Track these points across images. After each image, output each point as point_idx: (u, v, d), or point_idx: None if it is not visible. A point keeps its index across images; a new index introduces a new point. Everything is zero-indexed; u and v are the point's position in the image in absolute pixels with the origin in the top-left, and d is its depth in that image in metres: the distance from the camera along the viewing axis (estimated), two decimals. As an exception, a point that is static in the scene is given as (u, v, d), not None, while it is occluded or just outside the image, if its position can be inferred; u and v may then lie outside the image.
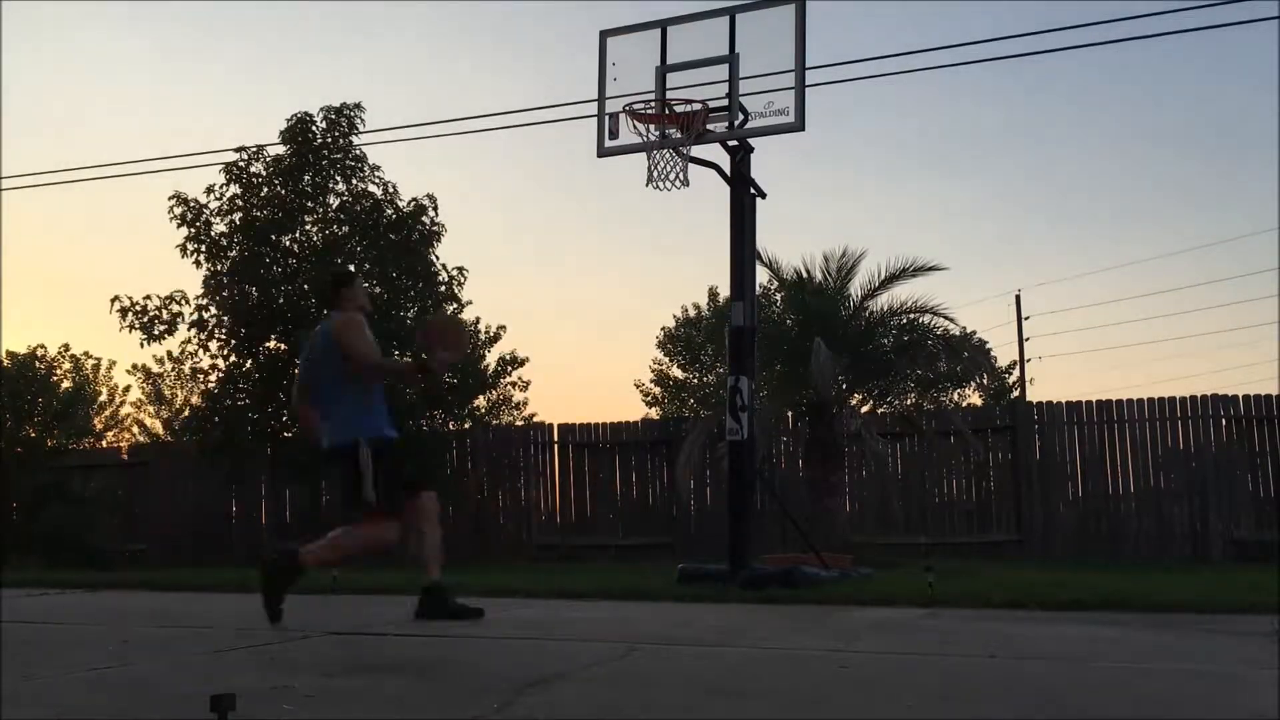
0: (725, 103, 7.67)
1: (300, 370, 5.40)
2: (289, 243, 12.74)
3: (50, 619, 5.44)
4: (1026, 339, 27.68)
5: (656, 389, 26.00)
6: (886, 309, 11.56)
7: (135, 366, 24.14)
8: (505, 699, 2.83)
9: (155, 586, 7.94)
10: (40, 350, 16.10)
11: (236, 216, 12.56)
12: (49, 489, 14.09)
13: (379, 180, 12.88)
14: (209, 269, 12.53)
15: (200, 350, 12.57)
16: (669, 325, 25.59)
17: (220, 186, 12.58)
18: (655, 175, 7.76)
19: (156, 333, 12.31)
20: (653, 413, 24.88)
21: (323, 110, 12.71)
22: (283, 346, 12.53)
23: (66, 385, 17.71)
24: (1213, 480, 11.16)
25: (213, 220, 12.55)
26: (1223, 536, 10.94)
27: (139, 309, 12.22)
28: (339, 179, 12.76)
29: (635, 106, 7.85)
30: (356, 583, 7.25)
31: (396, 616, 4.90)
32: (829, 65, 9.19)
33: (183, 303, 12.38)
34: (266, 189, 12.62)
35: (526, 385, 14.75)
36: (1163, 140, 46.48)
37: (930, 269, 11.20)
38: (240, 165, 12.57)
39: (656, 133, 7.81)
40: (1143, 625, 4.65)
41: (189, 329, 12.45)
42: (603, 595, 6.47)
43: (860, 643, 4.17)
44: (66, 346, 17.34)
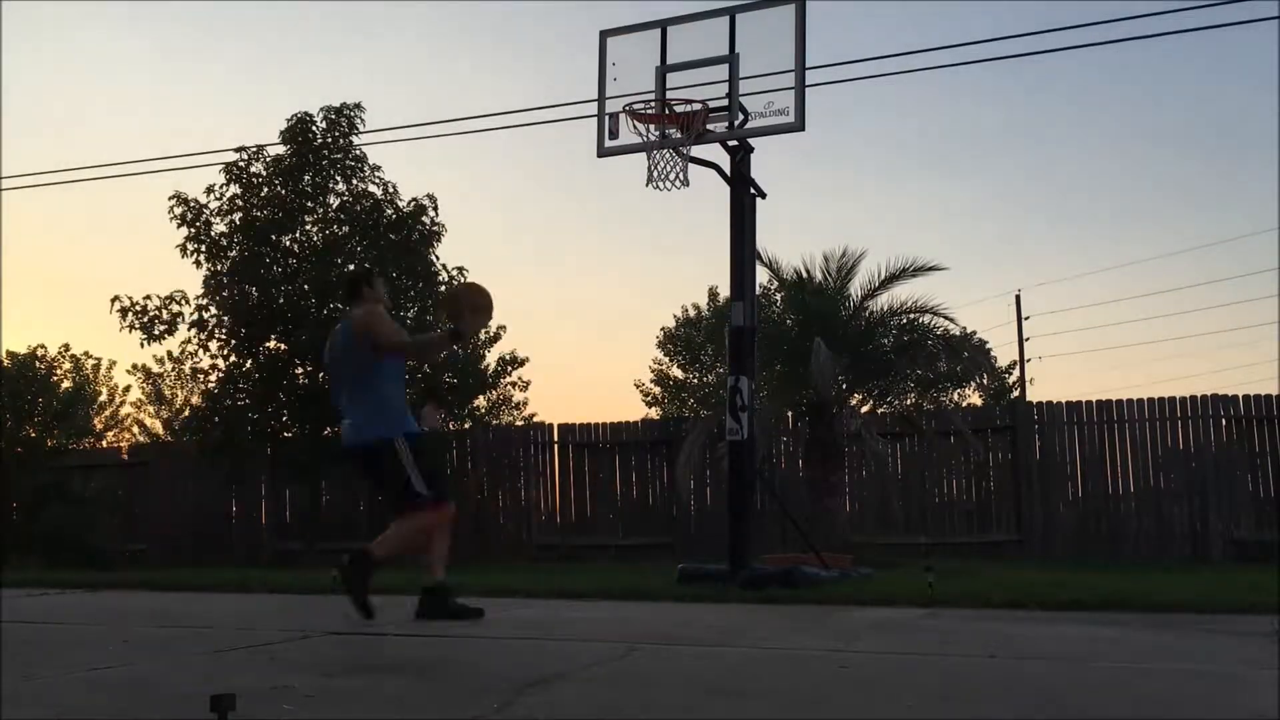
0: (725, 103, 7.66)
1: (327, 371, 5.38)
2: (289, 243, 12.75)
3: (50, 619, 5.44)
4: (1026, 339, 27.71)
5: (656, 389, 26.02)
6: (886, 309, 11.58)
7: (135, 366, 24.20)
8: (505, 699, 2.83)
9: (155, 586, 7.93)
10: (40, 350, 16.12)
11: (236, 216, 12.58)
12: (49, 489, 14.09)
13: (379, 180, 12.92)
14: (209, 269, 12.55)
15: (200, 350, 12.61)
16: (669, 325, 25.62)
17: (220, 186, 12.62)
18: (655, 175, 7.75)
19: (156, 333, 12.33)
20: (653, 413, 24.91)
21: (323, 110, 12.73)
22: (283, 346, 12.55)
23: (66, 385, 17.72)
24: (1213, 480, 11.15)
25: (213, 220, 12.58)
26: (1223, 536, 10.93)
27: (139, 309, 12.24)
28: (339, 179, 12.78)
29: (635, 106, 7.84)
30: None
31: (396, 616, 4.90)
32: (829, 65, 9.20)
33: (183, 303, 12.41)
34: (266, 189, 12.64)
35: (526, 385, 14.83)
36: (1163, 140, 46.54)
37: (930, 269, 11.22)
38: (240, 165, 12.59)
39: (656, 133, 7.80)
40: (1143, 625, 4.65)
41: (189, 329, 12.49)
42: (603, 595, 6.47)
43: (860, 643, 4.17)
44: (66, 346, 17.40)
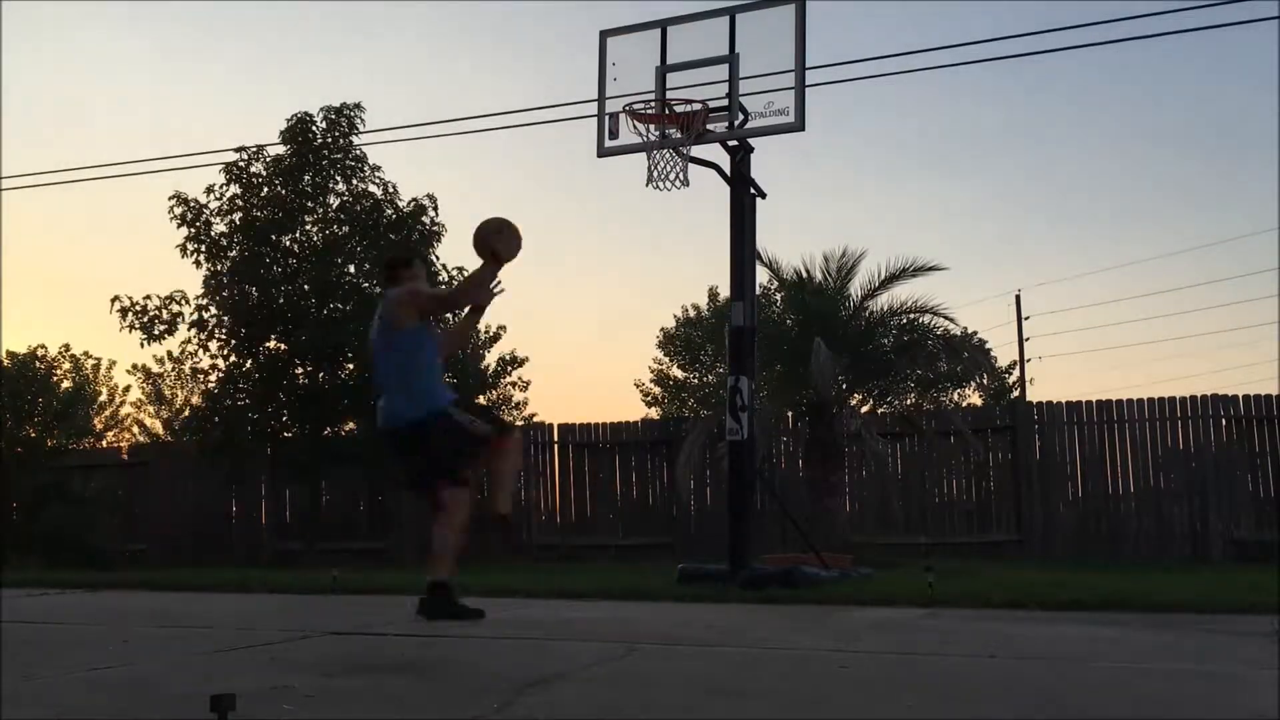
0: (725, 103, 7.66)
1: (373, 361, 5.32)
2: (289, 243, 12.75)
3: (50, 619, 5.44)
4: (1026, 339, 27.68)
5: (656, 389, 26.01)
6: (886, 309, 11.59)
7: (135, 366, 24.13)
8: (505, 699, 2.83)
9: (155, 586, 7.93)
10: (40, 350, 16.11)
11: (236, 216, 12.58)
12: (49, 489, 14.08)
13: (379, 180, 12.91)
14: (209, 269, 12.55)
15: (200, 350, 12.60)
16: (669, 325, 25.62)
17: (220, 186, 12.61)
18: (655, 175, 7.75)
19: (156, 333, 12.33)
20: (653, 413, 24.90)
21: (323, 110, 12.73)
22: (283, 346, 12.54)
23: (66, 385, 17.71)
24: (1213, 480, 11.15)
25: (213, 220, 12.57)
26: (1223, 536, 10.93)
27: (139, 309, 12.23)
28: (339, 179, 12.78)
29: (635, 106, 7.83)
30: (356, 583, 7.26)
31: (396, 616, 4.90)
32: (829, 65, 9.19)
33: (183, 303, 12.40)
34: (266, 189, 12.64)
35: (526, 385, 14.82)
36: (1163, 140, 46.49)
37: (930, 269, 11.23)
38: (240, 165, 12.58)
39: (656, 133, 7.79)
40: (1143, 625, 4.65)
41: (189, 329, 12.48)
42: (603, 595, 6.47)
43: (860, 643, 4.17)
44: (66, 346, 17.40)
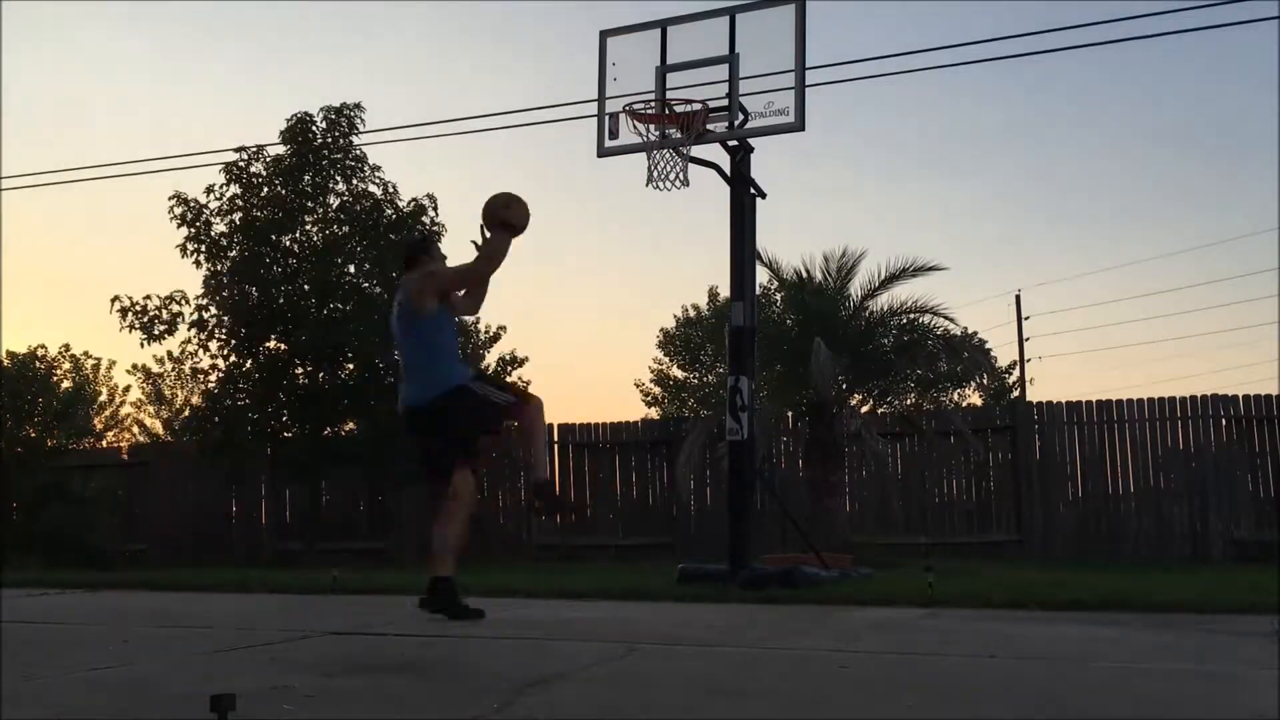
0: (725, 103, 7.65)
1: (396, 345, 5.34)
2: (289, 243, 12.75)
3: (50, 619, 5.43)
4: (1026, 339, 27.73)
5: (656, 389, 26.03)
6: (886, 309, 11.59)
7: (135, 366, 24.17)
8: (505, 699, 2.83)
9: (155, 586, 7.92)
10: (40, 350, 16.12)
11: (236, 216, 12.58)
12: (49, 489, 14.08)
13: (379, 180, 12.92)
14: (209, 269, 12.55)
15: (200, 350, 12.60)
16: (669, 325, 25.63)
17: (220, 186, 12.61)
18: (655, 175, 7.74)
19: (156, 333, 12.32)
20: (653, 413, 24.94)
21: (323, 110, 12.74)
22: (283, 346, 12.55)
23: (66, 385, 17.73)
24: (1213, 480, 11.16)
25: (213, 220, 12.57)
26: (1223, 536, 10.93)
27: (139, 309, 12.23)
28: (339, 179, 12.78)
29: (635, 106, 7.83)
30: (356, 583, 7.26)
31: (396, 616, 4.90)
32: (829, 65, 9.20)
33: (183, 303, 12.40)
34: (266, 189, 12.64)
35: (527, 385, 14.79)
36: (1163, 140, 46.53)
37: (930, 269, 11.24)
38: (240, 165, 12.58)
39: (656, 133, 7.79)
40: (1143, 625, 4.64)
41: (189, 329, 12.48)
42: (603, 595, 6.46)
43: (860, 643, 4.17)
44: (66, 346, 17.42)
